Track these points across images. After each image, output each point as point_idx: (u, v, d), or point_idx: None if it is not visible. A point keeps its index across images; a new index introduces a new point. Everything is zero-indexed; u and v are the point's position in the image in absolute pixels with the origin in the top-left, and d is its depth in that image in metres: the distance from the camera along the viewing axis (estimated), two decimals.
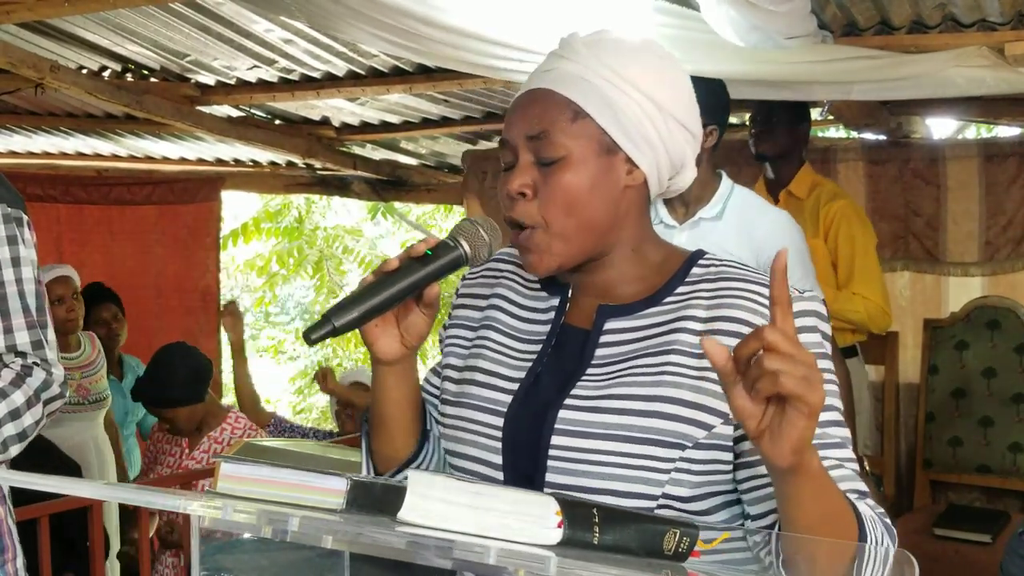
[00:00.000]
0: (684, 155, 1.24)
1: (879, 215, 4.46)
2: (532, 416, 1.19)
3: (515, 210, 1.20)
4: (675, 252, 1.28)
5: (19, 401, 1.83)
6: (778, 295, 0.96)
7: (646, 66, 1.20)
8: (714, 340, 0.96)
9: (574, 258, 1.21)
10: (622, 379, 1.16)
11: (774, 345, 0.92)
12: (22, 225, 1.91)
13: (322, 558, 1.09)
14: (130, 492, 1.16)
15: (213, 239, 6.00)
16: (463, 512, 0.90)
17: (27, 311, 1.88)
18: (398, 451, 1.27)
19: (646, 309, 1.21)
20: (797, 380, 0.91)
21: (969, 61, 2.99)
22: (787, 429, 0.93)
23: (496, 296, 1.32)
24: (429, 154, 5.77)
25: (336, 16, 3.02)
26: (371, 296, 1.11)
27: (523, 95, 1.23)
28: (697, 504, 1.15)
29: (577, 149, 1.17)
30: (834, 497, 1.02)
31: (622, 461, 1.13)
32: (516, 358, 1.26)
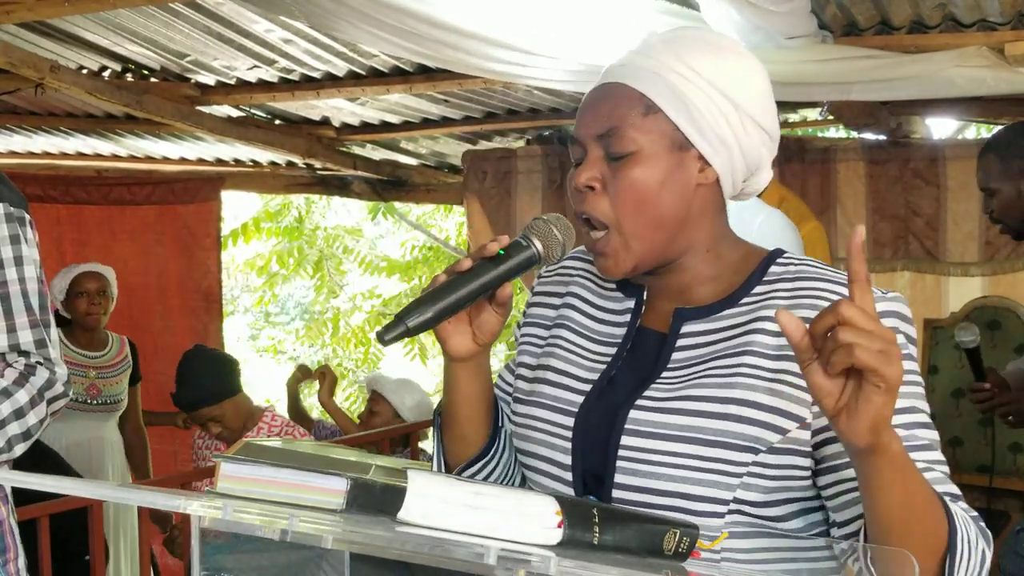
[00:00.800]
0: (760, 157, 1.21)
1: (879, 215, 4.46)
2: (603, 417, 1.17)
3: (585, 204, 1.18)
4: (754, 251, 1.25)
5: (23, 400, 1.84)
6: (856, 271, 0.94)
7: (724, 64, 1.17)
8: (789, 313, 0.95)
9: (648, 260, 1.19)
10: (696, 381, 1.14)
11: (850, 319, 0.91)
12: (24, 224, 1.91)
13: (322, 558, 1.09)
14: (130, 492, 1.16)
15: (213, 239, 5.99)
16: (463, 512, 0.91)
17: (30, 310, 1.88)
18: (469, 446, 1.27)
19: (723, 311, 1.19)
20: (873, 353, 0.90)
21: (969, 61, 2.99)
22: (863, 405, 0.92)
23: (571, 295, 1.31)
24: (429, 154, 5.77)
25: (336, 16, 3.02)
26: (443, 296, 1.11)
27: (596, 89, 1.21)
28: (770, 509, 1.12)
29: (648, 144, 1.15)
30: (918, 485, 1.00)
31: (693, 464, 1.10)
32: (589, 359, 1.24)
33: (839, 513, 1.11)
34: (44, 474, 1.05)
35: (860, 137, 4.67)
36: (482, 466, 1.27)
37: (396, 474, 0.95)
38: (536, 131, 5.16)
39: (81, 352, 4.31)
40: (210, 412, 3.45)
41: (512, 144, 5.34)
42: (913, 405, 1.11)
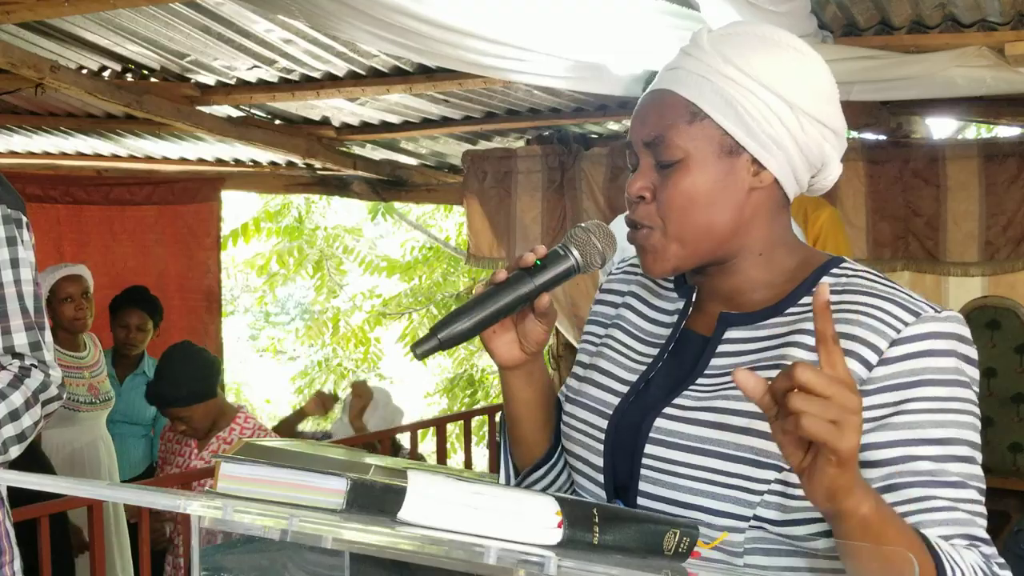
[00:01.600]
0: (823, 153, 1.17)
1: (879, 215, 4.46)
2: (633, 422, 1.16)
3: (636, 213, 1.17)
4: (812, 257, 1.20)
5: (18, 402, 1.83)
6: (822, 331, 0.91)
7: (775, 60, 1.13)
8: (747, 372, 0.91)
9: (691, 261, 1.17)
10: (727, 392, 1.11)
11: (805, 384, 0.87)
12: (21, 227, 1.91)
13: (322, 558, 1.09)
14: (130, 492, 1.15)
15: (213, 239, 6.00)
16: (463, 512, 0.90)
17: (25, 312, 1.88)
18: (531, 450, 1.27)
19: (768, 319, 1.15)
20: (822, 424, 0.87)
21: (969, 61, 3.00)
22: (817, 475, 0.90)
23: (630, 295, 1.29)
24: (429, 154, 5.77)
25: (336, 16, 3.02)
26: (478, 309, 1.10)
27: (645, 96, 1.19)
28: (792, 529, 1.07)
29: (696, 151, 1.13)
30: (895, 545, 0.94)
31: (713, 478, 1.08)
32: (634, 359, 1.22)
33: None
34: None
35: (860, 137, 4.67)
36: (546, 471, 1.27)
37: (396, 474, 0.95)
38: (536, 131, 5.16)
39: (70, 354, 4.32)
40: (179, 412, 3.48)
41: (512, 144, 5.34)
42: (952, 436, 1.04)
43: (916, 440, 1.03)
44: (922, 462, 1.03)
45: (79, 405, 4.23)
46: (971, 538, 1.02)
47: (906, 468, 1.03)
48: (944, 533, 1.00)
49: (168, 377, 3.49)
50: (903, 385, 1.04)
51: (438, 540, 0.88)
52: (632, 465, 1.14)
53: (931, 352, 1.06)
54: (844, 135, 1.19)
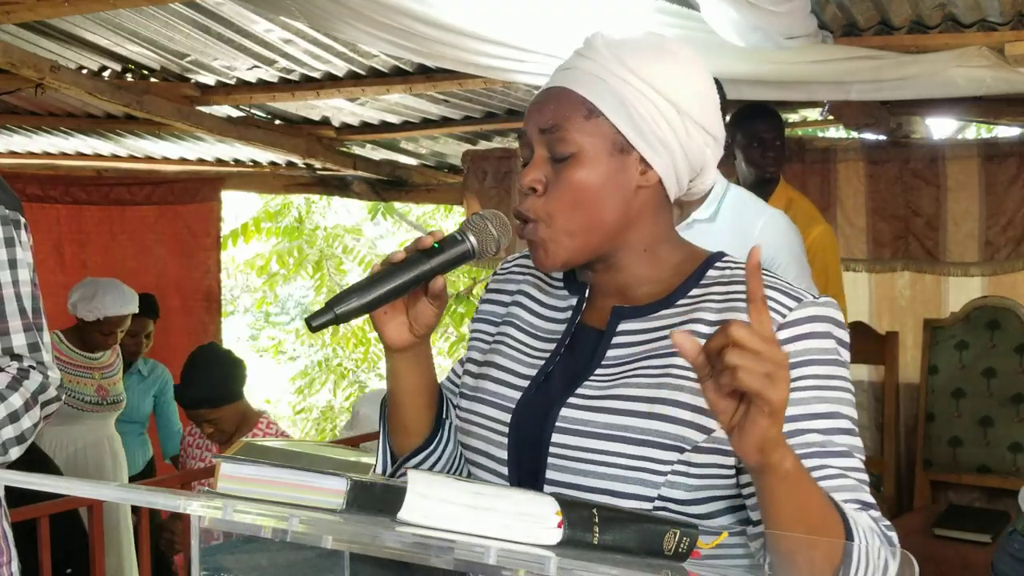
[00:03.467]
0: (704, 158, 1.23)
1: (879, 215, 4.46)
2: (537, 413, 1.20)
3: (524, 204, 1.21)
4: (695, 253, 1.27)
5: (17, 404, 1.83)
6: (753, 291, 0.96)
7: (666, 67, 1.19)
8: (684, 332, 0.96)
9: (580, 255, 1.21)
10: (626, 380, 1.17)
11: (739, 340, 0.92)
12: (19, 227, 1.90)
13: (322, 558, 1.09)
14: (130, 492, 1.16)
15: (213, 239, 6.00)
16: (463, 512, 0.90)
17: (23, 314, 1.87)
18: (411, 437, 1.29)
19: (659, 311, 1.21)
20: (757, 376, 0.92)
21: (969, 61, 3.00)
22: (750, 426, 0.94)
23: (520, 293, 1.33)
24: (429, 154, 5.77)
25: (336, 16, 3.02)
26: (375, 287, 1.13)
27: (541, 93, 1.23)
28: (695, 507, 1.14)
29: (589, 147, 1.17)
30: (812, 499, 1.01)
31: (619, 462, 1.13)
32: (531, 355, 1.26)
33: (754, 512, 1.13)
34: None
35: (860, 137, 4.67)
36: (425, 457, 1.29)
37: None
38: None
39: (82, 354, 4.34)
40: (209, 414, 3.44)
41: (512, 144, 5.34)
42: (836, 411, 1.12)
43: (806, 415, 1.11)
44: (812, 435, 1.10)
45: (84, 405, 4.25)
46: (861, 503, 1.09)
47: (799, 441, 1.09)
48: (840, 499, 1.06)
49: (199, 378, 3.45)
50: (792, 365, 1.08)
51: (438, 540, 0.88)
52: (538, 455, 1.18)
53: (813, 334, 1.14)
54: (722, 143, 1.25)
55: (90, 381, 4.30)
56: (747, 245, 2.73)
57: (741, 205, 2.67)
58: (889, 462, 4.14)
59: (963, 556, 3.47)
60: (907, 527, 3.62)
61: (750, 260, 0.97)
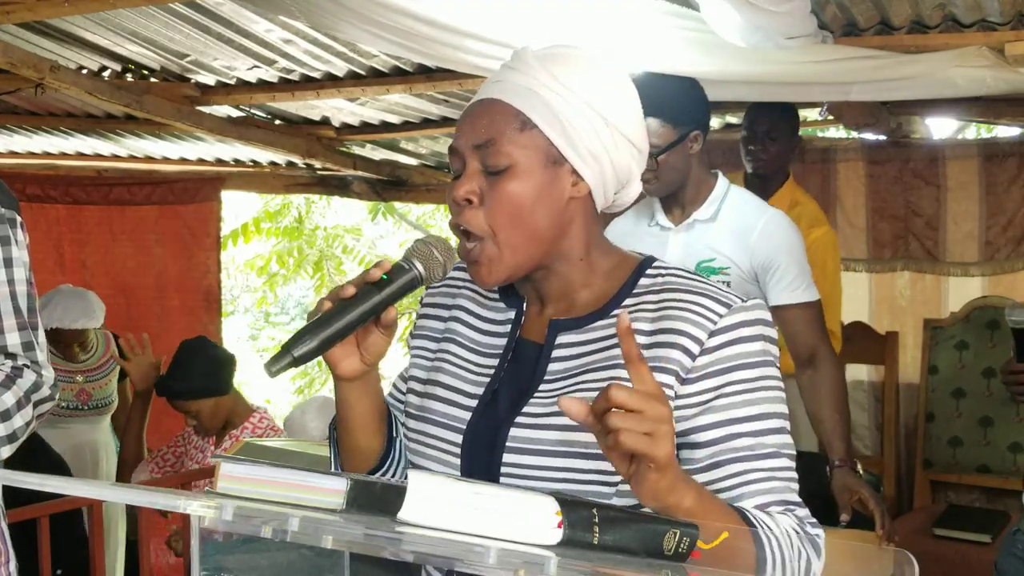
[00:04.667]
0: (630, 170, 1.25)
1: (879, 215, 4.46)
2: (487, 433, 1.22)
3: (462, 216, 1.21)
4: (626, 259, 1.29)
5: (9, 403, 1.82)
6: (627, 352, 1.00)
7: (595, 80, 1.21)
8: (570, 398, 0.99)
9: (521, 268, 1.23)
10: (571, 393, 1.18)
11: (620, 403, 0.96)
12: (15, 226, 1.89)
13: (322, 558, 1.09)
14: (130, 492, 1.16)
15: (213, 239, 5.99)
16: (463, 512, 0.90)
17: (18, 312, 1.87)
18: (365, 459, 1.29)
19: (595, 322, 1.23)
20: (637, 437, 0.95)
21: (969, 61, 2.99)
22: (641, 481, 0.98)
23: (457, 307, 1.35)
24: (429, 154, 5.77)
25: (336, 16, 3.02)
26: (329, 324, 1.13)
27: (473, 105, 1.25)
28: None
29: (523, 159, 1.19)
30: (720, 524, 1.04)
31: (570, 476, 1.16)
32: (475, 372, 1.28)
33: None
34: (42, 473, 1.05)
35: (860, 137, 4.67)
36: (379, 476, 1.29)
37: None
38: None
39: (59, 357, 4.26)
40: (186, 406, 3.46)
41: None
42: (764, 412, 1.17)
43: (735, 419, 1.16)
44: (742, 439, 1.16)
45: (60, 411, 4.09)
46: (786, 503, 1.15)
47: (727, 446, 1.15)
48: (762, 502, 1.13)
49: (178, 370, 3.48)
50: (721, 371, 1.17)
51: (438, 540, 0.88)
52: (490, 475, 1.20)
53: (742, 339, 1.18)
54: (646, 155, 1.29)
55: (71, 386, 4.19)
56: (748, 245, 2.74)
57: (742, 205, 2.67)
58: (889, 462, 4.14)
59: (963, 556, 3.47)
60: (907, 527, 3.62)
61: (620, 324, 1.01)
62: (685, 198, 2.65)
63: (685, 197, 2.65)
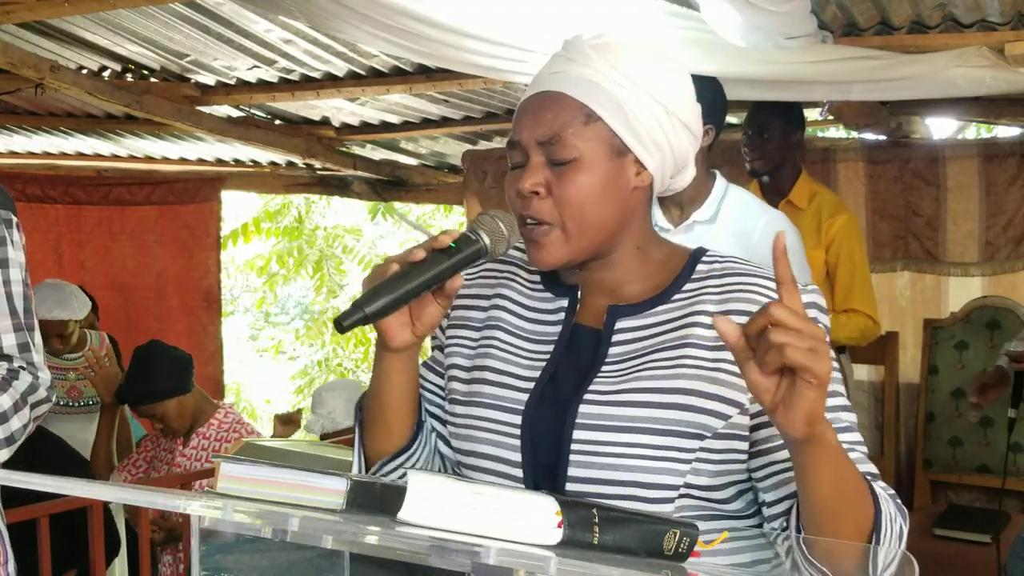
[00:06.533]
0: (687, 155, 1.27)
1: (879, 215, 4.46)
2: (551, 412, 1.21)
3: (530, 208, 1.22)
4: (677, 250, 1.31)
5: (6, 405, 1.81)
6: (782, 274, 1.00)
7: (654, 69, 1.22)
8: (726, 318, 1.00)
9: (580, 256, 1.24)
10: (639, 373, 1.19)
11: (780, 319, 0.96)
12: (11, 227, 1.88)
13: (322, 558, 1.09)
14: (130, 492, 1.16)
15: (213, 239, 5.99)
16: (463, 512, 0.90)
17: (14, 313, 1.86)
18: (393, 439, 1.28)
19: (655, 307, 1.24)
20: (803, 351, 0.95)
21: (969, 61, 3.00)
22: (797, 400, 0.97)
23: (499, 297, 1.33)
24: (429, 154, 5.77)
25: (336, 16, 3.02)
26: (399, 285, 1.13)
27: (533, 97, 1.25)
28: (716, 492, 1.18)
29: (589, 151, 1.20)
30: (850, 471, 1.06)
31: (644, 453, 1.15)
32: (528, 357, 1.27)
33: (769, 493, 1.17)
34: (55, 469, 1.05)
35: (860, 137, 4.67)
36: (406, 459, 1.29)
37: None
38: None
39: (60, 356, 4.27)
40: (150, 409, 3.48)
41: None
42: (834, 389, 1.16)
43: None
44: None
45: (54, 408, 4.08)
46: (870, 474, 1.14)
47: None
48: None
49: (137, 374, 3.51)
50: None
51: (438, 540, 0.88)
52: (557, 453, 1.19)
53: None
54: (700, 140, 1.30)
55: (62, 383, 4.17)
56: (748, 246, 2.74)
57: (742, 206, 2.67)
58: (889, 462, 4.14)
59: (963, 556, 3.47)
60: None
61: (776, 245, 1.01)
62: (684, 198, 2.65)
63: (684, 197, 2.64)
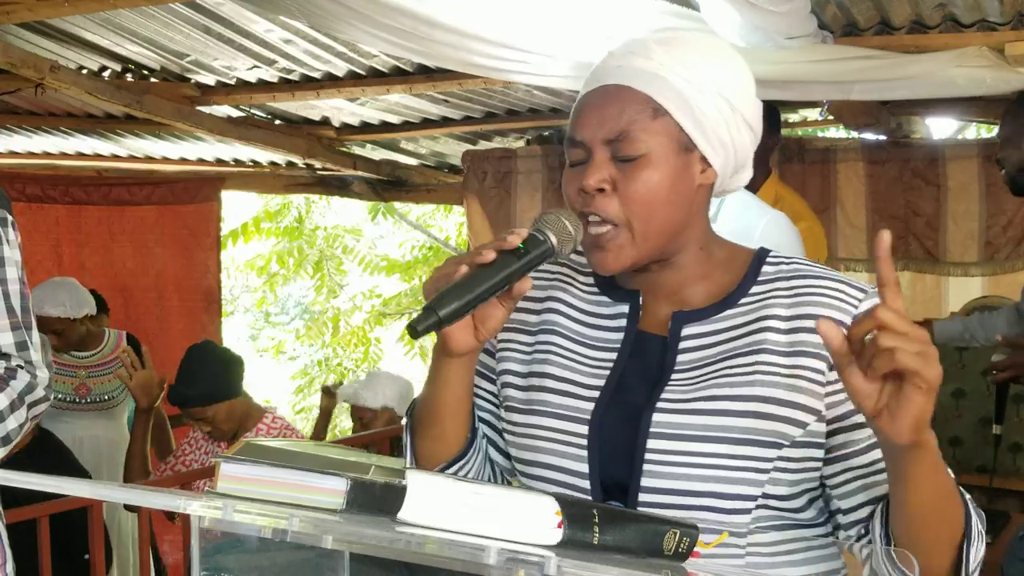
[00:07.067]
0: (747, 154, 1.24)
1: (879, 215, 4.46)
2: (620, 422, 1.17)
3: (593, 205, 1.17)
4: (739, 250, 1.28)
5: (3, 404, 1.80)
6: (886, 276, 0.97)
7: (719, 65, 1.19)
8: (829, 322, 0.97)
9: (645, 259, 1.20)
10: (713, 381, 1.15)
11: (889, 323, 0.93)
12: (7, 225, 1.88)
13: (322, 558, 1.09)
14: (130, 492, 1.15)
15: (213, 239, 5.99)
16: (463, 512, 0.90)
17: (11, 312, 1.85)
18: (449, 447, 1.25)
19: (722, 312, 1.21)
20: (913, 356, 0.93)
21: (969, 61, 3.00)
22: (905, 405, 0.95)
23: (552, 299, 1.29)
24: (429, 154, 5.77)
25: (336, 16, 3.02)
26: (471, 288, 1.10)
27: (596, 91, 1.20)
28: (793, 502, 1.15)
29: (657, 147, 1.16)
30: (946, 476, 1.05)
31: (722, 463, 1.12)
32: (589, 364, 1.23)
33: (845, 500, 1.15)
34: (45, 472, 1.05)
35: (860, 137, 4.67)
36: (460, 466, 1.26)
37: (396, 474, 0.94)
38: (536, 131, 5.16)
39: (70, 352, 4.28)
40: (200, 412, 3.42)
41: (512, 144, 5.34)
42: None
43: None
44: None
45: (59, 403, 4.09)
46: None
47: None
48: None
49: (187, 377, 3.44)
50: None
51: (438, 540, 0.88)
52: (631, 465, 1.15)
53: None
54: (760, 139, 1.27)
55: (71, 379, 4.22)
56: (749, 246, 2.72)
57: (743, 207, 2.67)
58: None
59: None
60: None
61: (880, 246, 0.98)
62: None
63: None
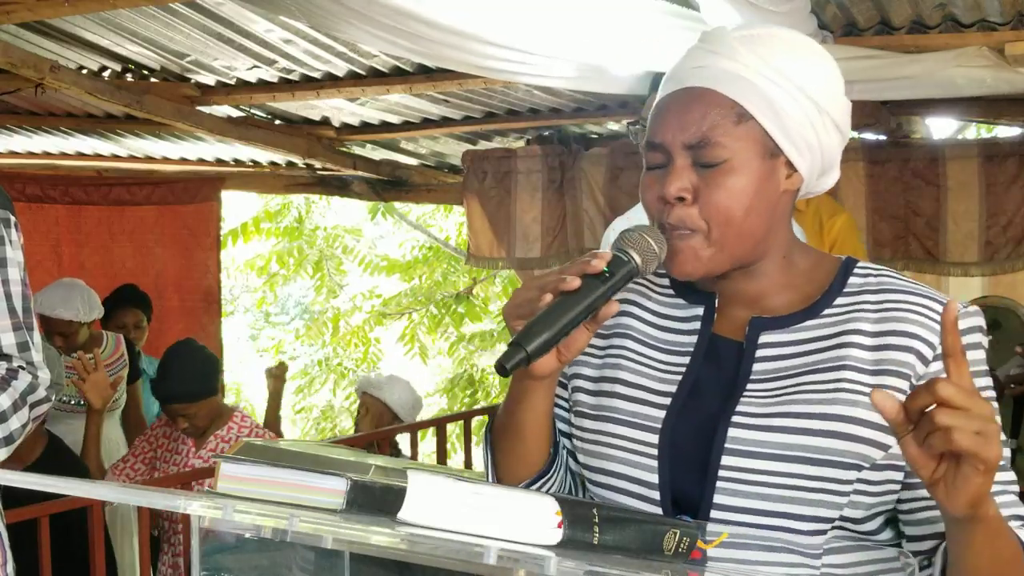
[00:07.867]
0: (835, 156, 1.20)
1: (879, 215, 4.46)
2: (693, 432, 1.13)
3: (672, 215, 1.13)
4: (824, 259, 1.22)
5: (5, 405, 1.81)
6: (951, 346, 0.93)
7: (807, 64, 1.14)
8: (884, 392, 0.93)
9: (724, 267, 1.15)
10: (792, 396, 1.10)
11: (948, 399, 0.89)
12: (9, 226, 1.88)
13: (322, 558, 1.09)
14: (130, 492, 1.15)
15: (213, 239, 5.99)
16: (463, 512, 0.90)
17: (13, 313, 1.86)
18: (532, 465, 1.20)
19: (804, 322, 1.15)
20: (971, 436, 0.89)
21: (969, 61, 3.00)
22: (962, 483, 0.91)
23: (626, 302, 1.23)
24: (429, 154, 5.77)
25: (336, 16, 3.02)
26: (557, 318, 1.06)
27: (676, 93, 1.16)
28: (869, 524, 1.11)
29: (741, 152, 1.11)
30: (1006, 541, 1.00)
31: (800, 483, 1.08)
32: (661, 370, 1.19)
33: (914, 528, 1.11)
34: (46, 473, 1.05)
35: (860, 137, 4.67)
36: (544, 483, 1.22)
37: (396, 474, 0.94)
38: (536, 131, 5.16)
39: (70, 355, 4.28)
40: (184, 408, 3.47)
41: (512, 144, 5.34)
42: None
43: None
44: None
45: (63, 405, 4.09)
46: (1019, 518, 1.08)
47: None
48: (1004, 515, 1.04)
49: (176, 373, 3.48)
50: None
51: (438, 540, 0.88)
52: (703, 478, 1.11)
53: (971, 346, 1.10)
54: (847, 139, 1.22)
55: (77, 381, 4.23)
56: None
57: None
58: None
59: None
60: None
61: (947, 315, 0.94)
62: None
63: None
